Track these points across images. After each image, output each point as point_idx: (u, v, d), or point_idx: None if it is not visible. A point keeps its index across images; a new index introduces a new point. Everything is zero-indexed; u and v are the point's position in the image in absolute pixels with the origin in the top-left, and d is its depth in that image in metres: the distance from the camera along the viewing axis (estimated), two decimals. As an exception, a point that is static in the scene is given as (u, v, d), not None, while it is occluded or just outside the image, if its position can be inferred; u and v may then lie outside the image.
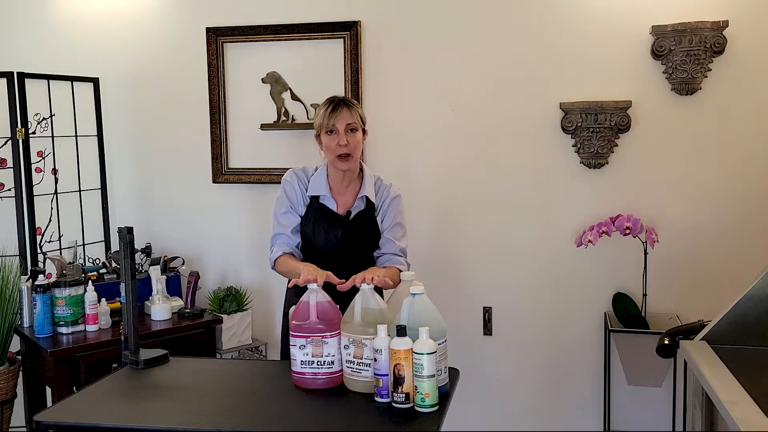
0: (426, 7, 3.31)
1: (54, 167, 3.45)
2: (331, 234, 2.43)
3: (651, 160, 3.14)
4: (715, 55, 3.01)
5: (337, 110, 2.38)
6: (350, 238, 2.43)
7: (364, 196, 2.46)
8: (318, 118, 2.44)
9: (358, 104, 2.46)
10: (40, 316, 2.93)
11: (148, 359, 2.19)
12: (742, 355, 2.13)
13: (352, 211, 2.45)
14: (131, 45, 3.65)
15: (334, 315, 1.97)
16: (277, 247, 2.43)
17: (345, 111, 2.38)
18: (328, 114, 2.38)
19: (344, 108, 2.39)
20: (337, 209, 2.45)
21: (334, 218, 2.44)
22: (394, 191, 2.51)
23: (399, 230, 2.49)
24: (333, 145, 2.38)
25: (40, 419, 1.82)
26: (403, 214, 2.52)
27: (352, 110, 2.40)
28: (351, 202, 2.47)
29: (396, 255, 2.46)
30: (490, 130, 3.29)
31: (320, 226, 2.43)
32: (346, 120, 2.38)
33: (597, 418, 3.27)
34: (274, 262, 2.43)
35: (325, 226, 2.43)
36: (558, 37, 3.18)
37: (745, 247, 3.05)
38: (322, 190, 2.46)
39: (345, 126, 2.37)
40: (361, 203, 2.46)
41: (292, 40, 3.43)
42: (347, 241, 2.43)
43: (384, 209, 2.48)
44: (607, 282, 3.22)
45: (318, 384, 1.95)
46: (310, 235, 2.44)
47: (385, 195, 2.49)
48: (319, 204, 2.45)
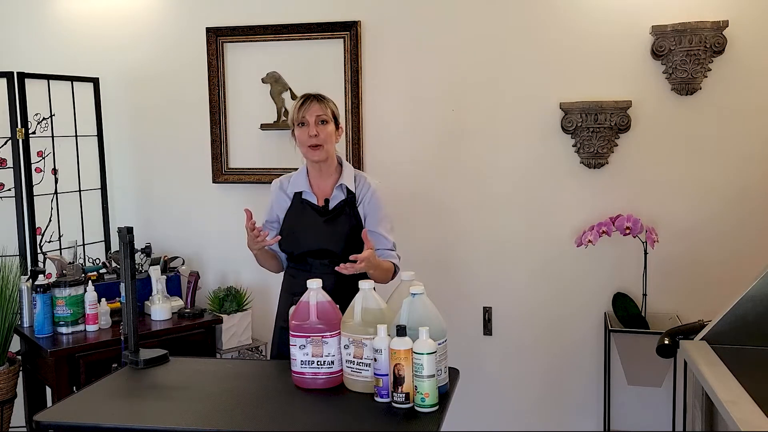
0: (426, 7, 3.31)
1: (54, 167, 3.45)
2: (314, 224, 2.46)
3: (651, 160, 3.14)
4: (715, 55, 3.01)
5: (306, 103, 2.44)
6: (332, 225, 2.45)
7: (343, 184, 2.48)
8: (290, 114, 2.50)
9: (330, 99, 2.51)
10: (40, 316, 2.93)
11: (148, 359, 2.19)
12: (742, 355, 2.13)
13: (330, 200, 2.48)
14: (131, 45, 3.65)
15: (334, 315, 1.97)
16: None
17: (315, 104, 2.44)
18: (298, 108, 2.44)
19: (314, 101, 2.44)
20: (317, 202, 2.50)
21: (314, 209, 2.48)
22: (374, 184, 2.53)
23: (387, 224, 2.52)
24: (304, 136, 2.43)
25: (40, 419, 1.82)
26: (387, 206, 2.54)
27: (322, 103, 2.45)
28: (330, 192, 2.50)
29: (388, 250, 2.49)
30: (490, 130, 3.29)
31: (302, 218, 2.48)
32: (316, 112, 2.42)
33: (597, 418, 3.27)
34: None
35: (306, 217, 2.48)
36: (558, 37, 3.18)
37: (745, 247, 3.05)
38: (302, 187, 2.51)
39: (315, 118, 2.42)
40: (340, 193, 2.49)
41: (292, 40, 3.44)
42: (330, 230, 2.44)
43: (366, 203, 2.49)
44: (607, 282, 3.22)
45: (318, 384, 1.95)
46: (295, 229, 2.47)
47: (365, 188, 2.51)
48: (302, 199, 2.50)
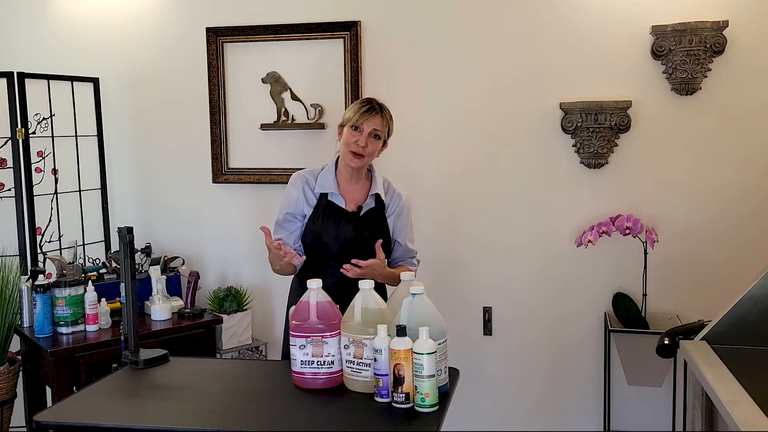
0: (426, 7, 3.31)
1: (54, 167, 3.45)
2: (342, 230, 2.42)
3: (651, 160, 3.14)
4: (715, 55, 3.01)
5: (370, 112, 2.39)
6: (362, 233, 2.43)
7: (376, 193, 2.47)
8: (349, 111, 2.44)
9: (390, 115, 2.47)
10: (40, 316, 2.93)
11: (148, 359, 2.19)
12: (742, 355, 2.12)
13: (363, 207, 2.46)
14: (131, 45, 3.65)
15: (334, 315, 1.97)
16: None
17: (377, 116, 2.39)
18: (361, 113, 2.39)
19: (377, 113, 2.40)
20: (345, 206, 2.46)
21: (343, 214, 2.44)
22: (403, 194, 2.54)
23: (410, 231, 2.56)
24: (352, 140, 2.38)
25: (40, 419, 1.82)
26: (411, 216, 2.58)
27: (384, 118, 2.42)
28: (361, 198, 2.48)
29: (410, 257, 2.56)
30: (490, 130, 3.29)
31: (329, 222, 2.43)
32: (375, 125, 2.38)
33: (597, 418, 3.27)
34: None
35: (334, 221, 2.43)
36: (558, 37, 3.18)
37: (745, 247, 3.05)
38: (330, 187, 2.46)
39: (371, 130, 2.38)
40: (371, 201, 2.48)
41: (292, 40, 3.43)
42: (358, 237, 2.42)
43: (395, 211, 2.50)
44: (607, 282, 3.22)
45: (318, 384, 1.95)
46: (320, 232, 2.43)
47: (395, 197, 2.52)
48: (328, 201, 2.45)
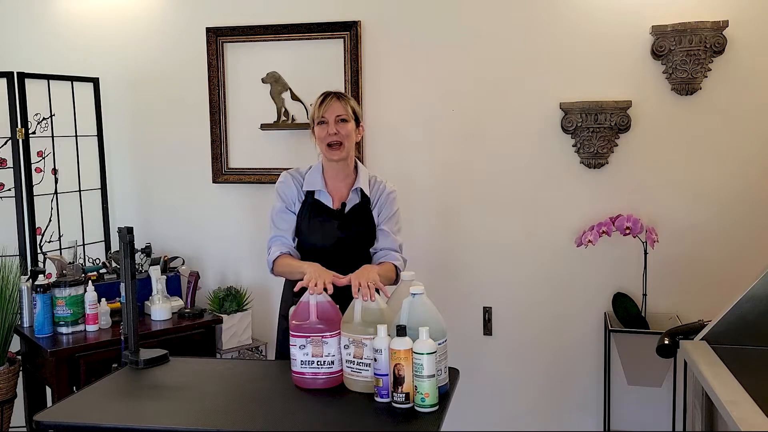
0: (426, 7, 3.31)
1: (54, 167, 3.45)
2: (327, 228, 2.43)
3: (651, 160, 3.14)
4: (715, 55, 3.01)
5: (326, 101, 2.43)
6: (346, 230, 2.43)
7: (359, 188, 2.47)
8: (311, 112, 2.49)
9: (350, 98, 2.51)
10: (40, 316, 2.93)
11: (148, 359, 2.19)
12: (742, 355, 2.12)
13: (347, 203, 2.46)
14: (131, 45, 3.65)
15: (334, 315, 1.97)
16: (275, 248, 2.42)
17: (335, 102, 2.43)
18: (318, 106, 2.44)
19: (334, 99, 2.44)
20: (332, 204, 2.46)
21: (329, 212, 2.45)
22: (389, 187, 2.53)
23: (395, 224, 2.50)
24: (323, 134, 2.42)
25: (40, 419, 1.82)
26: (398, 210, 2.53)
27: (342, 101, 2.45)
28: (346, 195, 2.48)
29: (393, 250, 2.46)
30: (490, 129, 3.29)
31: (315, 221, 2.44)
32: (336, 111, 2.42)
33: (597, 418, 3.27)
34: (272, 264, 2.41)
35: (320, 220, 2.44)
36: (558, 36, 3.18)
37: (745, 247, 3.05)
38: (317, 185, 2.47)
39: (335, 117, 2.42)
40: (355, 196, 2.47)
41: (292, 40, 3.43)
42: (344, 235, 2.42)
43: (380, 203, 2.49)
44: (607, 282, 3.22)
45: (318, 384, 1.95)
46: (305, 231, 2.44)
47: (381, 189, 2.51)
48: (314, 200, 2.46)
